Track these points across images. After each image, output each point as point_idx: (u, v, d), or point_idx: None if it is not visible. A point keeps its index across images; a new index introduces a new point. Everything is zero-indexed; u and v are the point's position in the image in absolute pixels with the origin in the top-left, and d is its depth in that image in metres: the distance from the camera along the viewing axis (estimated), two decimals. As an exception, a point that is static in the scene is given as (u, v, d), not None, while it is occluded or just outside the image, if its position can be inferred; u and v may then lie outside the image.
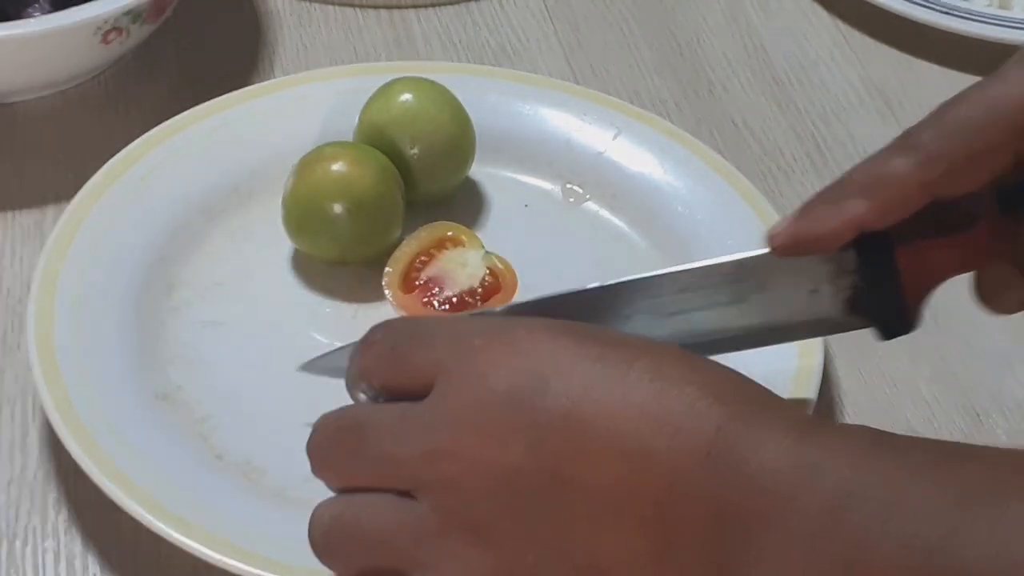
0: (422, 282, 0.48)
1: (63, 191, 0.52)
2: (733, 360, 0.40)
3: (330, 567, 0.34)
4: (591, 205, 0.53)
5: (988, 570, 0.27)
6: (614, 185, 0.53)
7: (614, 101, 0.56)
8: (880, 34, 0.64)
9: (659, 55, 0.63)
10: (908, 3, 0.63)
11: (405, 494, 0.33)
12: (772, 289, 0.38)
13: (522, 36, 0.63)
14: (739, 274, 0.38)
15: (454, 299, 0.48)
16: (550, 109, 0.55)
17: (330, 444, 0.34)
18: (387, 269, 0.48)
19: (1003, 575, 0.26)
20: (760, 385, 0.33)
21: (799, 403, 0.44)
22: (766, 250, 0.38)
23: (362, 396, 0.35)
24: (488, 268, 0.49)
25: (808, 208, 0.37)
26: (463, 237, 0.50)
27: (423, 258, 0.49)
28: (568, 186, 0.54)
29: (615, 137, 0.54)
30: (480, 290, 0.48)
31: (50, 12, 0.54)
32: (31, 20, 0.53)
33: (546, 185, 0.54)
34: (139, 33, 0.56)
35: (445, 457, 0.32)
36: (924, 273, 0.37)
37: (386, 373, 0.34)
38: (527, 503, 0.31)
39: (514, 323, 0.33)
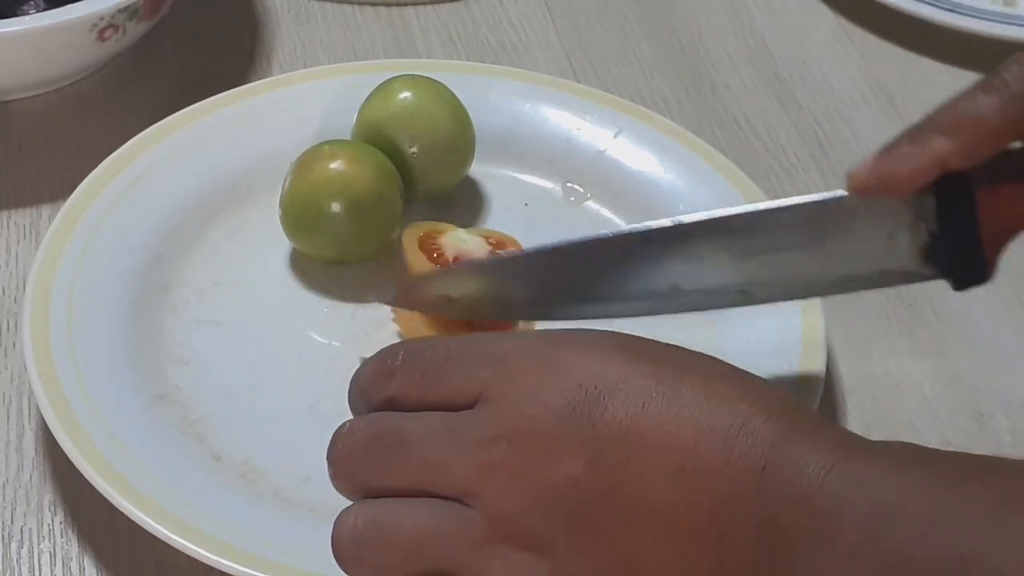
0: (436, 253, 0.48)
1: (59, 189, 0.52)
2: (735, 362, 0.40)
3: (353, 571, 0.33)
4: (592, 204, 0.53)
5: (1018, 566, 0.27)
6: (615, 184, 0.53)
7: (615, 99, 0.55)
8: (884, 31, 0.64)
9: (660, 53, 0.62)
10: (912, 0, 0.63)
11: (447, 500, 0.32)
12: (849, 233, 0.37)
13: (522, 34, 0.63)
14: (818, 215, 0.37)
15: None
16: (550, 107, 0.55)
17: (363, 452, 0.34)
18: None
19: None
20: (804, 404, 0.34)
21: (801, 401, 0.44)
22: (845, 192, 0.37)
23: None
24: (488, 239, 0.48)
25: (890, 148, 0.37)
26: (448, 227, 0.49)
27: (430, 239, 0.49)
28: (569, 185, 0.54)
29: (616, 136, 0.54)
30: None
31: (45, 9, 0.54)
32: (26, 17, 0.53)
33: (546, 184, 0.54)
34: (135, 30, 0.56)
35: (501, 469, 0.32)
36: (1003, 221, 0.37)
37: (419, 398, 0.34)
38: (585, 516, 0.31)
39: (559, 341, 0.33)
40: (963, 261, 0.37)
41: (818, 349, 0.45)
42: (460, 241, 0.48)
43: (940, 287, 0.51)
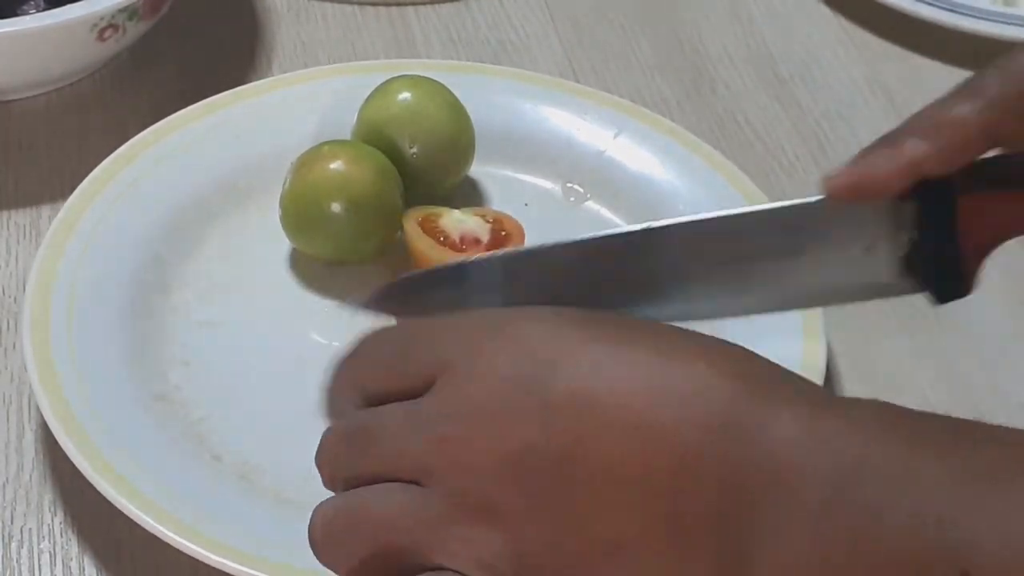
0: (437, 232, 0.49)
1: (59, 190, 0.52)
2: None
3: (331, 563, 0.34)
4: (592, 204, 0.53)
5: (998, 547, 0.27)
6: (615, 184, 0.53)
7: (615, 100, 0.55)
8: (884, 31, 0.64)
9: (660, 53, 0.62)
10: (913, 0, 0.63)
11: (412, 484, 0.32)
12: (828, 241, 0.37)
13: (522, 34, 0.63)
14: (796, 220, 0.37)
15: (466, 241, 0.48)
16: (550, 108, 0.55)
17: (337, 451, 0.34)
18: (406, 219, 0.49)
19: (1012, 552, 0.27)
20: (770, 360, 0.32)
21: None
22: (823, 197, 0.36)
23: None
24: (485, 217, 0.49)
25: (866, 152, 0.36)
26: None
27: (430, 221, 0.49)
28: (569, 185, 0.54)
29: (616, 136, 0.54)
30: (489, 238, 0.49)
31: (45, 9, 0.54)
32: (26, 17, 0.53)
33: (546, 184, 0.53)
34: (135, 30, 0.56)
35: (454, 442, 0.32)
36: (985, 229, 0.36)
37: (386, 380, 0.34)
38: (540, 482, 0.31)
39: (517, 315, 0.33)
40: (943, 272, 0.36)
41: (817, 349, 0.45)
42: (459, 222, 0.49)
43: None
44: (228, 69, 0.59)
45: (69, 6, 0.53)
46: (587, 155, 0.53)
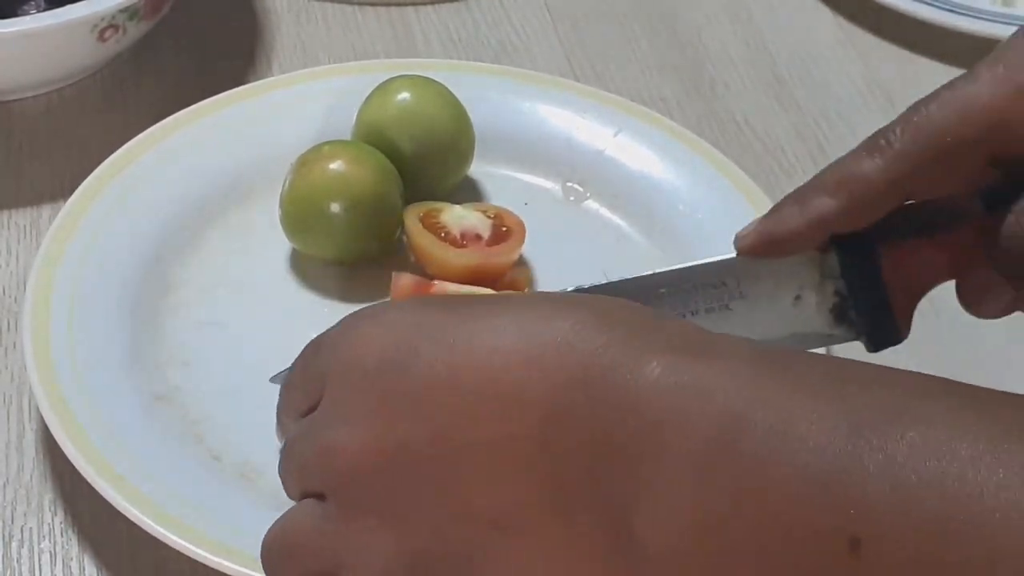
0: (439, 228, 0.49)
1: (59, 190, 0.52)
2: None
3: None
4: (591, 204, 0.53)
5: (884, 500, 0.25)
6: (614, 184, 0.53)
7: (614, 99, 0.55)
8: (883, 31, 0.64)
9: (660, 53, 0.62)
10: (912, 1, 0.63)
11: (320, 499, 0.33)
12: (755, 295, 0.37)
13: (522, 34, 0.63)
14: (721, 277, 0.37)
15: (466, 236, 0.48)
16: (550, 107, 0.55)
17: (280, 466, 0.35)
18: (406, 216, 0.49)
19: (899, 504, 0.25)
20: (647, 309, 0.31)
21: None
22: (731, 256, 0.37)
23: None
24: (486, 213, 0.49)
25: (776, 208, 0.37)
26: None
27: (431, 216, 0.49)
28: (568, 184, 0.54)
29: (615, 135, 0.54)
30: (490, 233, 0.49)
31: (46, 10, 0.54)
32: (27, 17, 0.53)
33: (546, 183, 0.53)
34: (136, 31, 0.56)
35: (330, 452, 0.32)
36: (910, 276, 0.36)
37: (297, 401, 0.35)
38: (418, 472, 0.30)
39: (381, 308, 0.33)
40: (873, 321, 0.36)
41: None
42: (460, 218, 0.49)
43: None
44: (228, 69, 0.59)
45: (69, 6, 0.53)
46: (587, 154, 0.53)
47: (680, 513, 0.27)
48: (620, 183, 0.53)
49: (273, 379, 0.41)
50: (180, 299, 0.48)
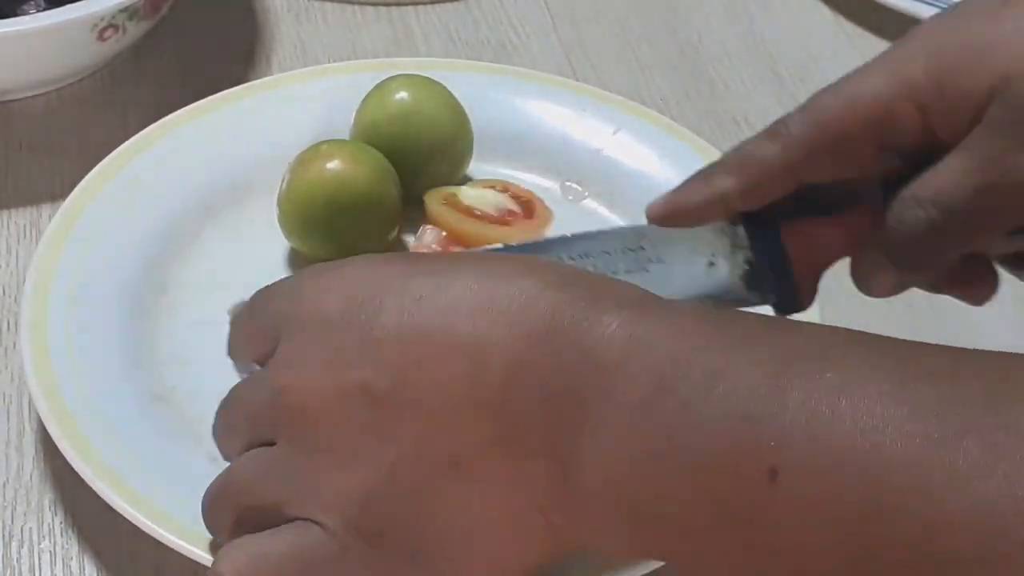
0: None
1: (59, 189, 0.52)
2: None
3: (212, 529, 0.36)
4: (590, 202, 0.53)
5: (799, 432, 0.28)
6: (613, 182, 0.53)
7: (613, 98, 0.55)
8: (883, 31, 0.64)
9: (660, 52, 0.62)
10: (912, 1, 0.63)
11: (268, 444, 0.34)
12: (670, 259, 0.39)
13: (522, 34, 0.63)
14: (637, 241, 0.39)
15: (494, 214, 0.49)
16: (548, 106, 0.54)
17: (221, 421, 0.36)
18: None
19: (812, 437, 0.27)
20: (602, 275, 0.34)
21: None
22: (643, 225, 0.39)
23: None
24: (499, 189, 0.50)
25: (684, 183, 0.39)
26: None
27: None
28: (567, 183, 0.53)
29: (614, 134, 0.54)
30: (517, 210, 0.49)
31: (46, 9, 0.54)
32: (27, 17, 0.53)
33: (545, 182, 0.53)
34: (136, 30, 0.56)
35: (288, 391, 0.33)
36: (812, 251, 0.39)
37: (247, 346, 0.36)
38: (375, 414, 0.32)
39: (340, 262, 0.35)
40: (777, 287, 0.39)
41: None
42: (481, 198, 0.49)
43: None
44: (228, 69, 0.59)
45: (69, 6, 0.53)
46: (585, 153, 0.53)
47: (619, 449, 0.30)
48: (619, 182, 0.53)
49: (231, 312, 0.43)
50: (178, 298, 0.48)
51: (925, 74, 0.36)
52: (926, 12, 0.62)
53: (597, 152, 0.54)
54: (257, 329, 0.35)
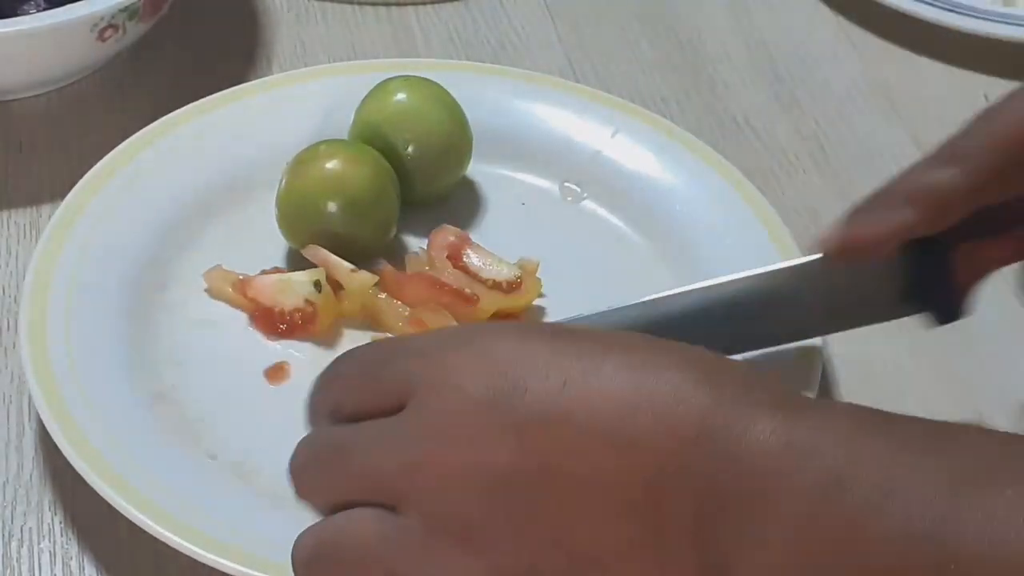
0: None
1: (59, 189, 0.52)
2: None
3: None
4: (589, 204, 0.53)
5: (981, 555, 0.27)
6: (612, 183, 0.53)
7: (612, 99, 0.55)
8: (884, 31, 0.64)
9: (660, 52, 0.62)
10: (912, 0, 0.63)
11: (389, 508, 0.32)
12: (829, 295, 0.40)
13: (522, 34, 0.63)
14: (797, 276, 0.40)
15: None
16: (548, 107, 0.54)
17: (310, 466, 0.34)
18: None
19: (996, 561, 0.26)
20: (741, 363, 0.33)
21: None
22: (817, 256, 0.39)
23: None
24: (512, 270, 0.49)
25: (857, 214, 0.38)
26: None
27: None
28: (566, 184, 0.53)
29: (613, 135, 0.54)
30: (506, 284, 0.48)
31: (46, 9, 0.54)
32: (26, 17, 0.53)
33: (544, 183, 0.53)
34: (135, 30, 0.56)
35: (425, 467, 0.32)
36: (975, 267, 0.39)
37: (357, 400, 0.34)
38: (517, 501, 0.31)
39: (482, 331, 0.34)
40: (939, 303, 0.39)
41: (814, 347, 0.45)
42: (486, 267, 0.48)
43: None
44: (228, 69, 0.59)
45: (69, 6, 0.53)
46: (584, 154, 0.53)
47: (783, 564, 0.29)
48: (618, 183, 0.53)
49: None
50: (178, 298, 0.48)
51: None
52: (926, 12, 0.62)
53: (596, 153, 0.54)
54: (375, 382, 0.34)
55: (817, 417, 0.30)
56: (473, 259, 0.48)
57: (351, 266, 0.47)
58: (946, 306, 0.39)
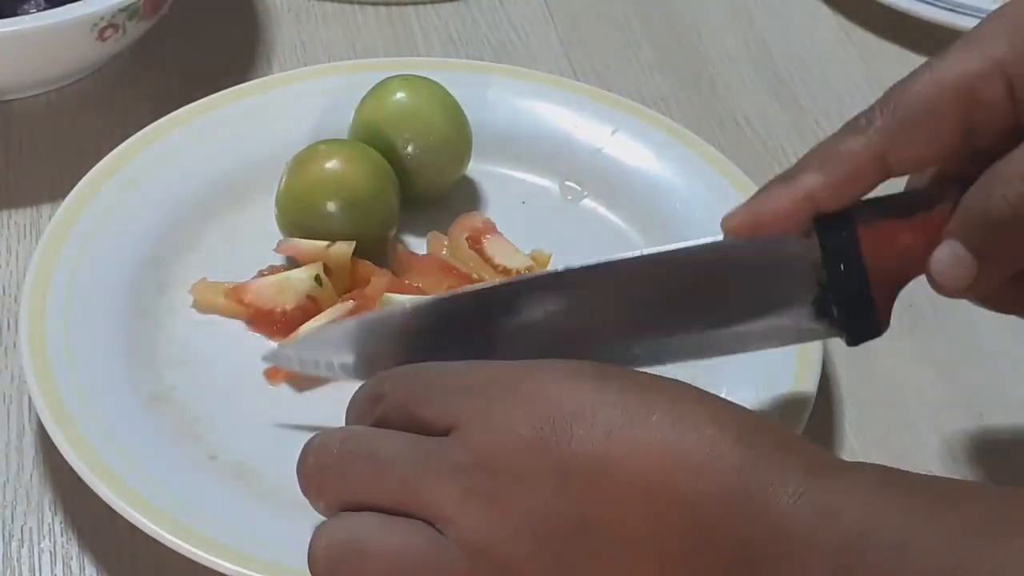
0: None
1: (59, 189, 0.52)
2: (733, 361, 0.40)
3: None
4: (589, 202, 0.53)
5: None
6: (612, 182, 0.53)
7: (612, 97, 0.55)
8: (883, 31, 0.64)
9: (660, 52, 0.62)
10: (912, 0, 0.63)
11: (422, 523, 0.33)
12: (737, 284, 0.38)
13: (522, 33, 0.63)
14: (703, 261, 0.38)
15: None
16: (548, 106, 0.54)
17: (337, 469, 0.34)
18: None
19: None
20: (776, 424, 0.34)
21: (799, 403, 0.44)
22: (722, 239, 0.37)
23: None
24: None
25: (762, 189, 0.38)
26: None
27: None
28: (566, 183, 0.53)
29: (613, 133, 0.54)
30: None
31: (46, 9, 0.54)
32: (26, 17, 0.53)
33: (544, 182, 0.53)
34: (136, 30, 0.56)
35: (476, 496, 0.32)
36: (889, 260, 0.37)
37: (398, 423, 0.35)
38: (556, 544, 0.32)
39: (530, 370, 0.34)
40: (853, 311, 0.37)
41: (814, 348, 0.45)
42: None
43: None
44: (228, 69, 0.59)
45: (69, 6, 0.53)
46: (584, 153, 0.53)
47: None
48: (618, 182, 0.53)
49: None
50: (177, 298, 0.48)
51: (1011, 47, 0.35)
52: (926, 12, 0.62)
53: (596, 152, 0.53)
54: (416, 415, 0.34)
55: (840, 478, 0.31)
56: (490, 245, 0.49)
57: (324, 242, 0.47)
58: (861, 315, 0.37)
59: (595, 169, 0.53)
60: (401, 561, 0.33)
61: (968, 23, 0.62)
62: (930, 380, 0.49)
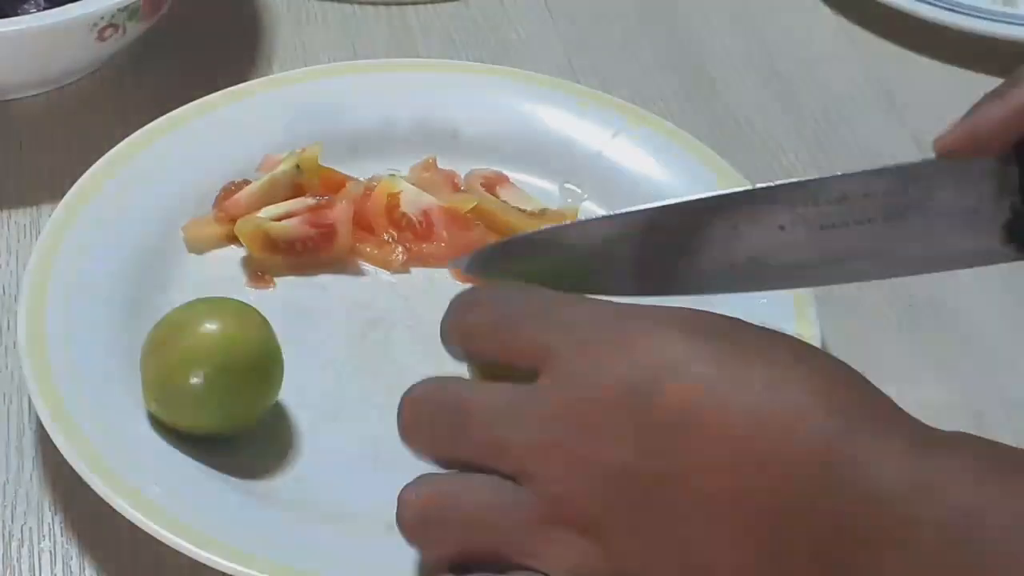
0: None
1: (59, 189, 0.51)
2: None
3: (422, 549, 0.34)
4: (589, 204, 0.53)
5: None
6: (613, 184, 0.53)
7: (613, 99, 0.55)
8: (884, 31, 0.64)
9: (661, 52, 0.62)
10: (912, 0, 0.63)
11: (507, 478, 0.33)
12: (933, 205, 0.37)
13: (522, 34, 0.63)
14: (902, 183, 0.37)
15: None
16: (548, 108, 0.54)
17: (430, 419, 0.34)
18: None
19: None
20: (881, 394, 0.33)
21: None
22: (929, 158, 0.37)
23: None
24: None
25: (975, 107, 0.37)
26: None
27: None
28: (566, 185, 0.53)
29: (614, 136, 0.54)
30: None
31: (46, 8, 0.54)
32: (26, 16, 0.53)
33: (544, 184, 0.53)
34: (135, 30, 0.56)
35: (556, 450, 0.32)
36: None
37: (488, 346, 0.34)
38: (636, 501, 0.31)
39: (628, 315, 0.33)
40: None
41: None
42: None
43: (940, 286, 0.51)
44: (228, 69, 0.59)
45: (69, 6, 0.53)
46: (585, 155, 0.53)
47: None
48: (618, 184, 0.53)
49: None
50: (178, 298, 0.48)
51: None
52: (926, 12, 0.62)
53: (596, 154, 0.53)
54: (512, 339, 0.34)
55: (943, 451, 0.30)
56: (504, 192, 0.50)
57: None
58: None
59: (595, 171, 0.53)
60: (481, 516, 0.33)
61: (968, 23, 0.62)
62: (931, 380, 0.49)
